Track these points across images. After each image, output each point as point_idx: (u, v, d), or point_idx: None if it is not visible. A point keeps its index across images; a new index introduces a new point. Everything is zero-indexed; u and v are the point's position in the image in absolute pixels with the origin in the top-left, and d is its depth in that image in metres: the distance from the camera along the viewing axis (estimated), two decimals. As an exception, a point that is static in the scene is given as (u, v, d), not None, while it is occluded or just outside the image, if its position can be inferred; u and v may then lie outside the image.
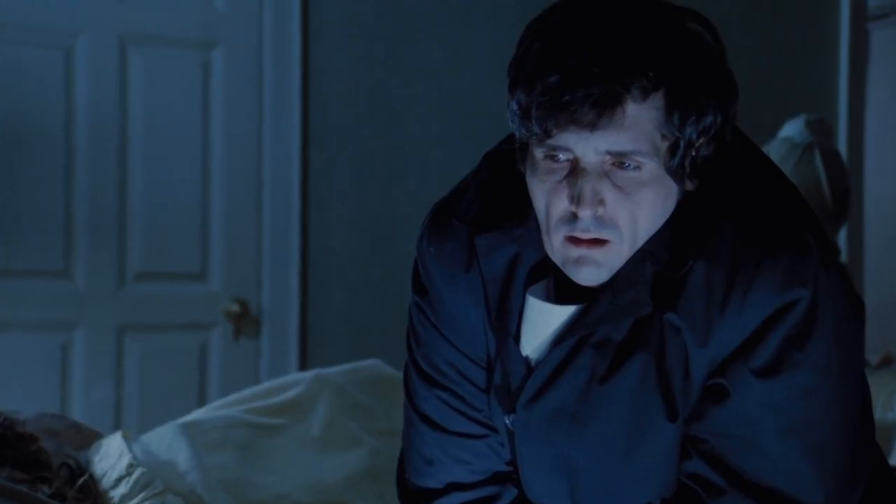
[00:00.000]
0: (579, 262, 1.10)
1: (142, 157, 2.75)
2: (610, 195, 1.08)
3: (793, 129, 2.59)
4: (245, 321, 2.82)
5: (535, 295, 1.16)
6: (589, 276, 1.11)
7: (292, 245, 2.84)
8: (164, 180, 2.77)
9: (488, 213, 1.17)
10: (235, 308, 2.81)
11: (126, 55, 2.74)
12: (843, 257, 2.96)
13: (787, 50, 3.11)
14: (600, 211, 1.08)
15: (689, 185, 1.12)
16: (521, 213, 1.15)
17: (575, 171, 1.08)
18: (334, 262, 2.87)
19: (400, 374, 1.29)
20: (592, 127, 1.05)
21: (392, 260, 2.84)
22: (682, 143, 1.08)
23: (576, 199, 1.08)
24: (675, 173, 1.09)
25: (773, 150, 2.54)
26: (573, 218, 1.08)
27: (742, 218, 1.11)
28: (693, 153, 1.10)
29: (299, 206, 2.84)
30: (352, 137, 2.88)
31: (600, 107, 1.04)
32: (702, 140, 1.09)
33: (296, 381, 2.03)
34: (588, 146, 1.07)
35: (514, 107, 1.08)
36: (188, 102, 2.76)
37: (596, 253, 1.10)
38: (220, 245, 2.81)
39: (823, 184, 2.52)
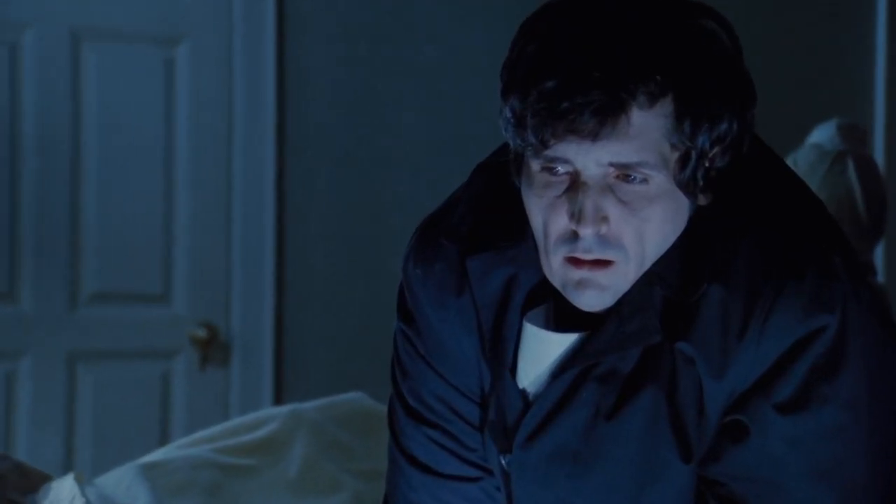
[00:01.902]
0: (580, 285, 1.11)
1: (97, 165, 2.76)
2: (614, 211, 1.09)
3: (823, 134, 2.60)
4: (213, 348, 2.83)
5: (532, 322, 1.16)
6: (591, 300, 1.11)
7: (266, 263, 2.84)
8: (122, 191, 2.78)
9: (480, 231, 1.18)
10: (202, 333, 2.82)
11: (79, 51, 2.76)
12: (880, 276, 2.97)
13: (816, 47, 3.13)
14: (603, 229, 1.09)
15: (703, 200, 1.13)
16: (516, 231, 1.16)
17: (575, 185, 1.09)
18: (313, 283, 2.88)
19: (385, 409, 1.30)
20: (594, 137, 1.06)
21: (378, 280, 2.85)
22: (693, 154, 1.09)
23: (576, 216, 1.08)
24: (687, 187, 1.10)
25: (801, 159, 2.56)
26: (573, 237, 1.09)
27: (761, 236, 1.12)
28: (706, 164, 1.11)
29: (274, 219, 2.85)
30: (333, 144, 2.89)
31: (602, 115, 1.05)
32: (716, 150, 1.10)
33: (270, 417, 2.03)
34: (589, 158, 1.07)
35: (508, 115, 1.09)
36: (149, 105, 2.78)
37: (599, 275, 1.10)
38: (185, 263, 2.82)
39: (857, 195, 2.53)
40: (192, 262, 2.82)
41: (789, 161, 2.55)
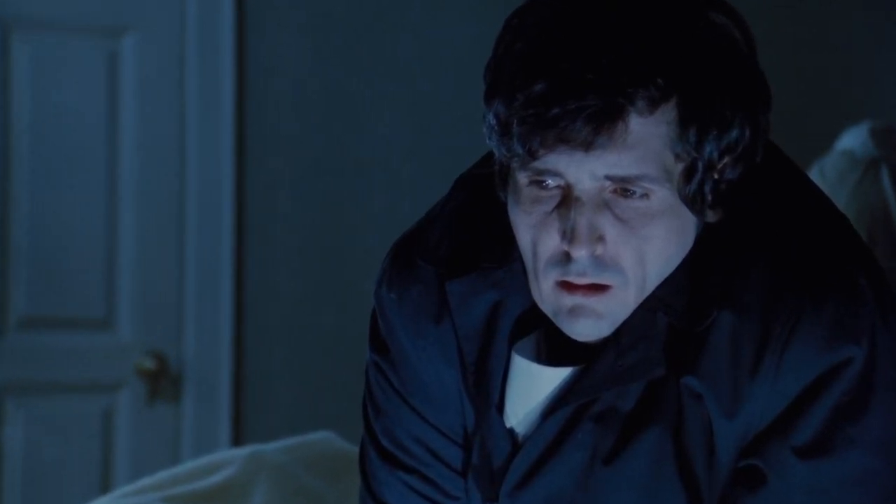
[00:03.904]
0: (574, 312, 1.11)
1: (29, 172, 2.75)
2: (611, 230, 1.09)
3: (854, 140, 2.62)
4: (162, 380, 2.83)
5: (522, 353, 1.17)
6: (586, 329, 1.12)
7: (223, 284, 2.85)
8: (59, 201, 2.77)
9: (462, 251, 1.19)
10: (150, 364, 2.81)
11: (9, 44, 2.75)
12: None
13: (846, 40, 3.15)
14: (599, 249, 1.10)
15: (711, 217, 1.14)
16: (502, 251, 1.17)
17: (567, 200, 1.09)
18: (276, 307, 2.88)
19: (356, 451, 1.31)
20: (587, 146, 1.07)
21: (349, 305, 2.85)
22: (700, 165, 1.10)
23: (568, 235, 1.09)
24: (693, 202, 1.11)
25: (829, 167, 2.57)
26: (565, 258, 1.10)
27: (777, 257, 1.13)
28: (715, 176, 1.12)
29: (232, 235, 2.85)
30: (299, 151, 2.90)
31: (597, 122, 1.06)
32: (726, 160, 1.11)
33: (227, 460, 2.04)
34: (582, 170, 1.08)
35: (492, 121, 1.10)
36: (90, 105, 2.78)
37: (595, 301, 1.11)
38: (131, 284, 2.82)
39: (892, 208, 2.55)
40: (139, 282, 2.82)
41: (815, 170, 2.57)
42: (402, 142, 2.92)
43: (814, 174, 2.52)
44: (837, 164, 2.58)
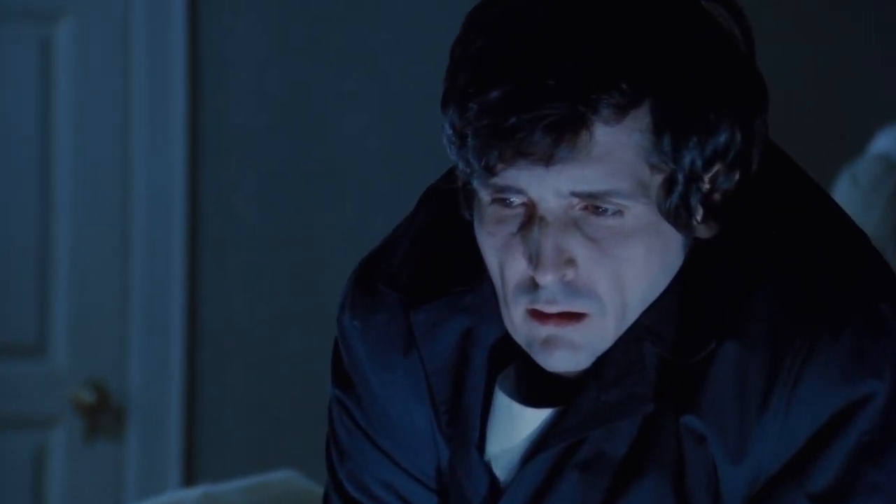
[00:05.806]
0: (548, 343, 1.12)
1: (-49, 178, 2.76)
2: (582, 252, 1.10)
3: (889, 142, 2.62)
4: (103, 415, 2.82)
5: (504, 389, 1.17)
6: (562, 361, 1.12)
7: (173, 306, 2.84)
8: (-15, 211, 2.78)
9: (427, 275, 1.19)
10: (88, 396, 2.81)
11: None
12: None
13: (878, 31, 3.16)
14: (569, 274, 1.10)
15: (704, 232, 1.14)
16: (472, 273, 1.17)
17: (531, 219, 1.10)
18: (233, 331, 2.88)
19: (321, 491, 1.31)
20: (548, 160, 1.07)
21: (314, 329, 2.85)
22: (679, 176, 1.10)
23: (534, 260, 1.10)
24: (676, 217, 1.11)
25: (862, 173, 2.58)
26: (534, 285, 1.10)
27: (785, 277, 1.13)
28: (705, 187, 1.12)
29: (184, 249, 2.85)
30: (260, 153, 2.90)
31: (556, 132, 1.06)
32: (717, 168, 1.11)
33: (177, 503, 2.04)
34: (545, 186, 1.09)
35: (448, 132, 1.10)
36: (20, 99, 2.78)
37: (569, 331, 1.11)
38: (67, 304, 2.82)
39: (934, 218, 2.55)
40: (76, 302, 2.82)
41: (846, 176, 2.58)
42: (375, 144, 2.92)
43: (844, 181, 2.52)
44: (871, 169, 2.58)
